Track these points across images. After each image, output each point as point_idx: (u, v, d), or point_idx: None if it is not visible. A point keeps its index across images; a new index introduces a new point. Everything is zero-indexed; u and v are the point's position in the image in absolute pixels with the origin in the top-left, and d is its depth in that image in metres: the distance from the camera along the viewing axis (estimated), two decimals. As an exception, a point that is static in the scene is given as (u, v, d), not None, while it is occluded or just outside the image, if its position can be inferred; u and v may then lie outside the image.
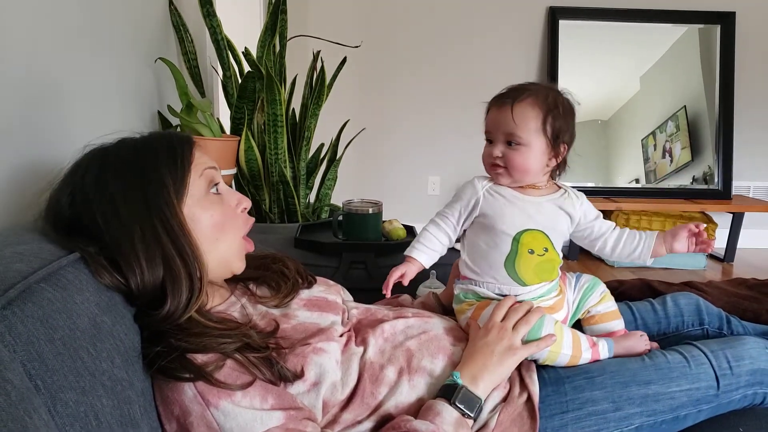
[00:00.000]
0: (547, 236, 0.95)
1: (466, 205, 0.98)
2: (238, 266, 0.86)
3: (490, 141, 0.97)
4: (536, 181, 0.98)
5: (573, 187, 1.04)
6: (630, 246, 1.02)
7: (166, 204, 0.75)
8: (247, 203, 0.87)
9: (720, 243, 3.27)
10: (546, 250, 0.95)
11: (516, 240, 0.94)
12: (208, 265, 0.78)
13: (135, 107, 1.51)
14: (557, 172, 1.01)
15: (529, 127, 0.93)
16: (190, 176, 0.79)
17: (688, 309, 1.15)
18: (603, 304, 1.03)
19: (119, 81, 1.39)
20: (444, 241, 1.00)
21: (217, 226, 0.80)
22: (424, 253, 0.99)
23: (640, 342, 0.97)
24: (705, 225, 1.00)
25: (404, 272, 0.96)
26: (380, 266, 1.38)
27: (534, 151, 0.94)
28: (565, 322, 1.00)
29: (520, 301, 0.94)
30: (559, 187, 1.02)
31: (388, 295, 0.95)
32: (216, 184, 0.83)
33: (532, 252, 0.94)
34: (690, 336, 1.12)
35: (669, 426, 0.89)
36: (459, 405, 0.79)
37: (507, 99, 0.95)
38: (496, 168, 0.96)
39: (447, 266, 1.12)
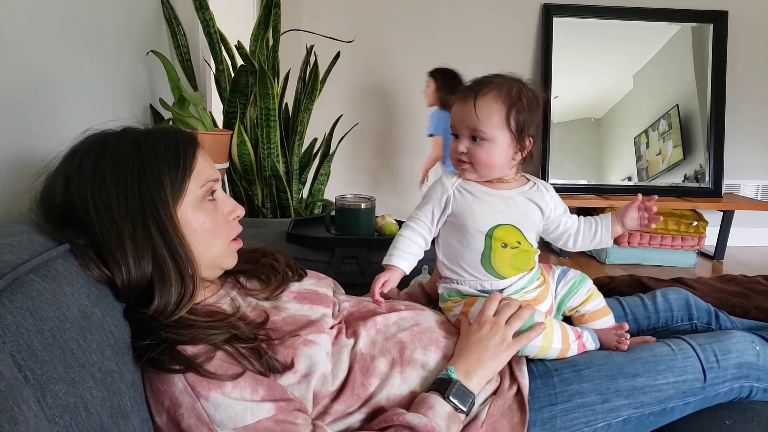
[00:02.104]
0: (519, 230, 0.95)
1: (438, 203, 0.97)
2: (229, 263, 0.86)
3: (456, 136, 0.96)
4: (503, 175, 0.97)
5: (565, 185, 1.04)
6: (589, 234, 1.02)
7: (162, 204, 0.74)
8: (241, 212, 0.86)
9: (710, 241, 3.30)
10: (519, 243, 0.95)
11: (489, 236, 0.93)
12: (200, 267, 0.78)
13: (127, 100, 1.50)
14: (524, 165, 0.99)
15: (493, 121, 0.91)
16: (189, 181, 0.78)
17: (678, 304, 1.16)
18: (591, 302, 1.03)
19: (111, 74, 1.38)
20: (420, 243, 0.98)
21: (209, 232, 0.80)
22: (404, 259, 0.96)
23: (613, 341, 0.97)
24: (656, 197, 0.99)
25: (387, 279, 0.94)
26: (372, 261, 1.38)
27: (498, 146, 0.92)
28: (551, 313, 1.01)
29: (507, 298, 0.94)
30: (528, 180, 1.01)
31: (381, 303, 0.94)
32: (213, 191, 0.83)
33: (505, 246, 0.94)
34: (679, 330, 1.13)
35: (656, 418, 0.90)
36: (453, 399, 0.79)
37: (470, 93, 0.93)
38: (462, 164, 0.95)
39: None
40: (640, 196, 1.00)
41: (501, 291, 0.95)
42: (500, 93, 0.92)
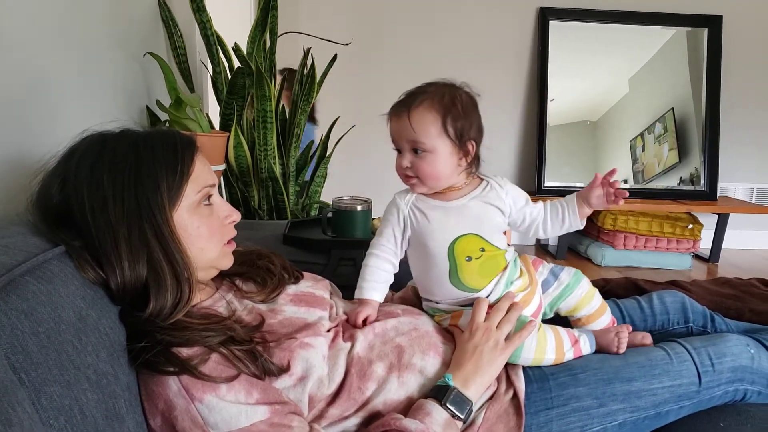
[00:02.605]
0: (480, 236, 0.93)
1: (397, 225, 0.96)
2: (225, 264, 0.86)
3: (399, 151, 0.95)
4: (453, 183, 0.95)
5: (561, 188, 1.04)
6: (557, 220, 1.00)
7: (158, 208, 0.74)
8: (237, 216, 0.86)
9: (705, 243, 3.31)
10: (483, 249, 0.93)
11: (450, 253, 0.92)
12: (196, 271, 0.78)
13: (123, 102, 1.50)
14: (473, 169, 0.97)
15: (430, 132, 0.90)
16: (187, 186, 0.77)
17: (674, 307, 1.16)
18: (587, 306, 1.02)
19: (108, 75, 1.38)
20: (388, 269, 0.98)
21: (204, 237, 0.80)
22: (375, 290, 0.95)
23: (612, 344, 0.97)
24: (615, 169, 0.96)
25: (367, 315, 0.92)
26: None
27: (440, 156, 0.91)
28: (540, 311, 0.99)
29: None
30: (481, 180, 0.98)
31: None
32: (210, 195, 0.82)
33: (469, 259, 0.92)
34: (675, 333, 1.13)
35: (651, 422, 0.90)
36: (450, 407, 0.79)
37: (403, 107, 0.92)
38: (410, 179, 0.95)
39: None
40: (598, 174, 0.97)
41: None
42: (433, 102, 0.91)
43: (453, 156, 0.92)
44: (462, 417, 0.80)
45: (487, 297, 0.94)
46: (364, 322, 0.91)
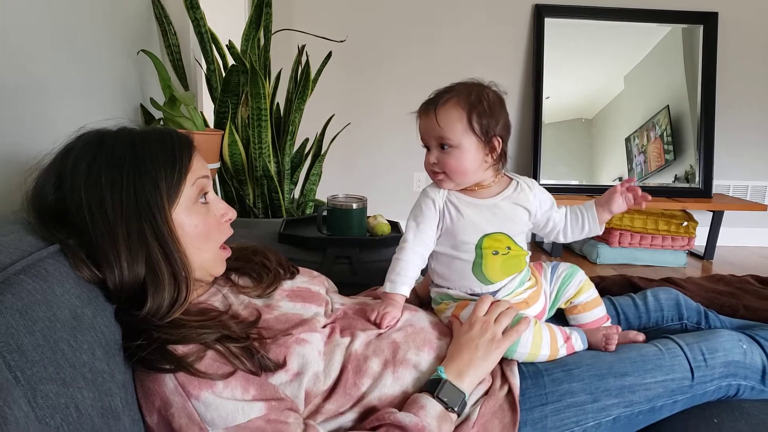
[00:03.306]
0: (508, 236, 0.96)
1: (434, 217, 0.97)
2: (218, 270, 0.86)
3: (427, 148, 0.98)
4: (481, 180, 0.97)
5: (556, 185, 1.05)
6: (577, 227, 1.04)
7: (157, 207, 0.74)
8: (233, 214, 0.86)
9: (700, 241, 3.32)
10: (509, 248, 0.96)
11: (479, 246, 0.95)
12: (193, 270, 0.78)
13: (117, 100, 1.49)
14: (500, 166, 0.99)
15: (455, 128, 0.93)
16: (185, 184, 0.78)
17: (668, 304, 1.17)
18: (584, 294, 1.05)
19: (101, 73, 1.37)
20: (419, 264, 0.98)
21: (201, 235, 0.80)
22: (406, 285, 0.96)
23: (600, 343, 0.98)
24: (634, 178, 1.03)
25: (395, 316, 0.91)
26: (364, 261, 1.38)
27: (466, 151, 0.94)
28: (543, 314, 1.02)
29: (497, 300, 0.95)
30: (511, 180, 1.01)
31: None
32: (205, 193, 0.82)
33: (496, 253, 0.95)
34: (669, 330, 1.14)
35: (645, 416, 0.91)
36: (442, 398, 0.80)
37: (431, 105, 0.96)
38: (437, 174, 0.97)
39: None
40: (617, 186, 1.01)
41: (492, 294, 0.96)
42: (459, 100, 0.94)
43: (479, 152, 0.95)
44: (455, 409, 0.80)
45: (499, 290, 0.96)
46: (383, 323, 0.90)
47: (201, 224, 0.80)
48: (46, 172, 0.75)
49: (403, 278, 0.96)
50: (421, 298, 1.11)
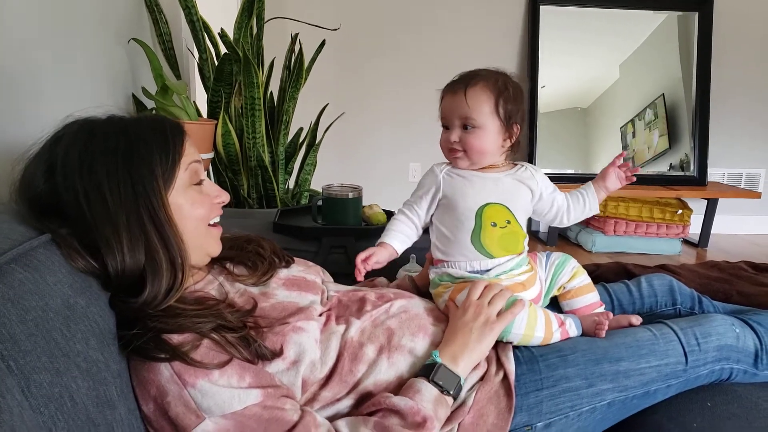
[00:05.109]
0: (509, 209, 0.98)
1: (427, 191, 1.03)
2: (215, 249, 0.86)
3: (446, 127, 1.01)
4: (494, 162, 1.02)
5: (552, 174, 1.07)
6: (579, 206, 1.09)
7: (153, 193, 0.74)
8: (226, 197, 0.87)
9: (695, 228, 3.33)
10: (508, 222, 0.98)
11: (479, 215, 0.97)
12: (190, 255, 0.78)
13: (109, 89, 1.48)
14: (511, 153, 1.05)
15: (483, 110, 0.97)
16: (179, 168, 0.78)
17: (662, 290, 1.17)
18: (576, 279, 1.06)
19: (92, 62, 1.36)
20: (413, 227, 1.05)
21: (197, 218, 0.81)
22: (396, 239, 1.03)
23: (591, 329, 0.99)
24: (624, 153, 1.13)
25: (371, 254, 0.99)
26: (360, 250, 1.38)
27: (489, 133, 0.98)
28: (539, 300, 1.03)
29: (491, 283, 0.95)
30: (516, 164, 1.05)
31: (360, 279, 0.98)
32: (200, 180, 0.83)
33: (494, 225, 0.97)
34: (663, 315, 1.15)
35: (640, 401, 0.92)
36: (438, 382, 0.80)
37: (460, 85, 0.99)
38: (455, 152, 1.00)
39: (425, 249, 1.13)
40: (616, 159, 1.10)
41: (489, 270, 0.97)
42: (488, 83, 0.98)
43: (499, 135, 0.99)
44: (451, 392, 0.81)
45: (495, 267, 0.98)
46: (365, 262, 0.98)
47: (197, 206, 0.81)
48: (35, 161, 0.74)
49: (394, 232, 1.04)
50: (419, 288, 1.11)
